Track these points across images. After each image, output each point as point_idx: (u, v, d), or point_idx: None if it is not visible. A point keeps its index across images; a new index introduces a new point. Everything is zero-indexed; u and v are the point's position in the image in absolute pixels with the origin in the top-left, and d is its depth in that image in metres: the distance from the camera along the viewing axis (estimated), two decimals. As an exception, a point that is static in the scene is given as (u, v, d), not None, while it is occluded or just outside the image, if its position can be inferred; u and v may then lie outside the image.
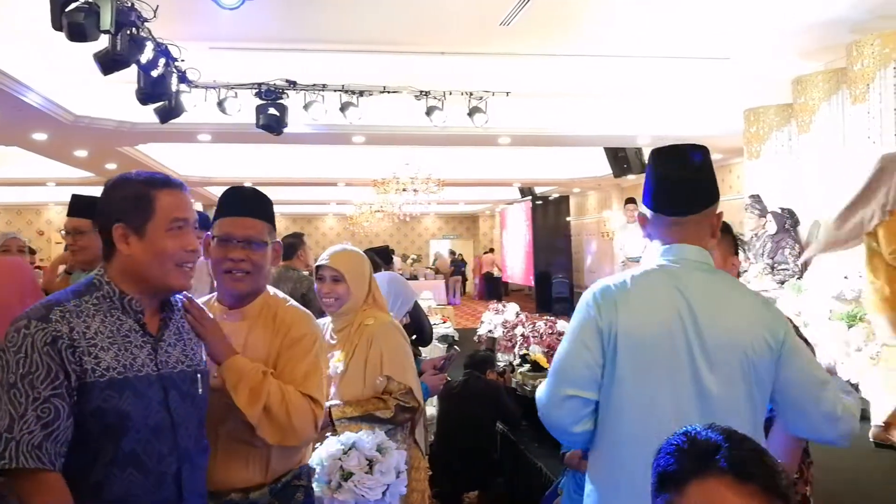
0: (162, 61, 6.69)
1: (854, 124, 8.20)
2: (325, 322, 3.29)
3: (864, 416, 7.12)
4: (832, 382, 2.13)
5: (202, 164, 15.74)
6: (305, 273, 6.16)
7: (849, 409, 2.12)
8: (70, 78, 8.58)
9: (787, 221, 8.88)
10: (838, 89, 8.78)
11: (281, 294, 2.57)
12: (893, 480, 5.57)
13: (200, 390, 2.11)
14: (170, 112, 7.76)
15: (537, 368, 6.07)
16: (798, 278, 8.23)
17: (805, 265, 8.26)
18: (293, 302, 2.58)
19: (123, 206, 2.06)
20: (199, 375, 2.12)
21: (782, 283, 8.28)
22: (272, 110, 8.82)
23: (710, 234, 2.14)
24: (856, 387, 6.96)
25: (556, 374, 2.09)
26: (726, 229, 2.66)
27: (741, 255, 6.07)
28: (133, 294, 2.01)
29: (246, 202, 2.51)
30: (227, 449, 2.32)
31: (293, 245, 6.34)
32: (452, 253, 28.05)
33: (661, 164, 2.13)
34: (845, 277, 7.34)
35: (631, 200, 12.14)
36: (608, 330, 2.02)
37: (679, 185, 2.10)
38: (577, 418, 2.06)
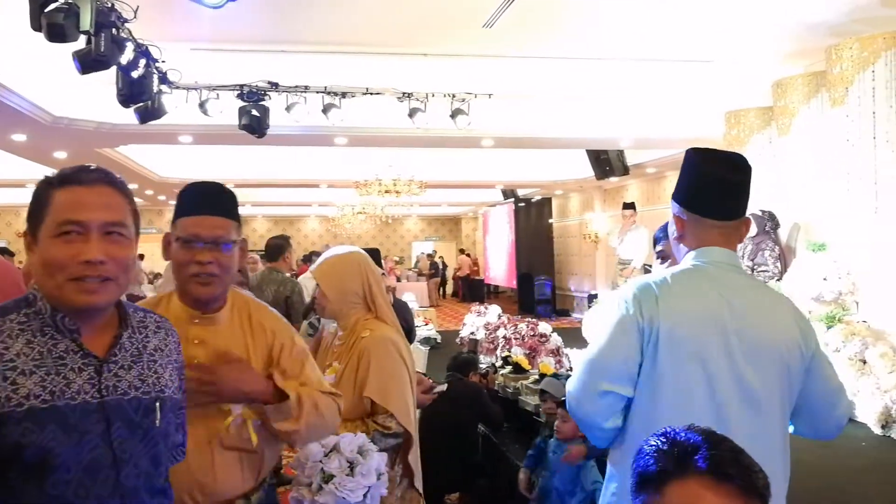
0: (142, 62, 6.64)
1: (833, 127, 8.27)
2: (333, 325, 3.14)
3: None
4: (844, 388, 2.19)
5: (183, 165, 15.65)
6: (289, 275, 6.14)
7: (849, 412, 2.19)
8: (50, 79, 8.51)
9: (767, 224, 8.94)
10: (818, 92, 8.86)
11: (244, 291, 2.51)
12: (884, 476, 5.62)
13: (158, 422, 1.74)
14: (150, 113, 7.72)
15: (519, 370, 6.08)
16: (778, 280, 8.29)
17: (785, 267, 8.32)
18: (256, 298, 2.51)
19: (30, 208, 1.72)
20: (157, 404, 1.74)
21: (763, 284, 8.34)
22: (254, 112, 8.78)
23: (739, 240, 2.17)
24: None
25: (591, 369, 2.07)
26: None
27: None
28: (64, 310, 1.66)
29: (210, 199, 2.28)
30: (226, 460, 2.24)
31: (279, 247, 6.32)
32: (430, 255, 28.06)
33: (707, 166, 2.11)
34: (824, 279, 7.41)
35: (630, 206, 12.17)
36: (649, 327, 2.01)
37: (729, 188, 2.10)
38: (610, 413, 2.06)
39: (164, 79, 7.63)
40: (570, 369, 7.56)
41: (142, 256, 18.56)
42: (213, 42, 8.59)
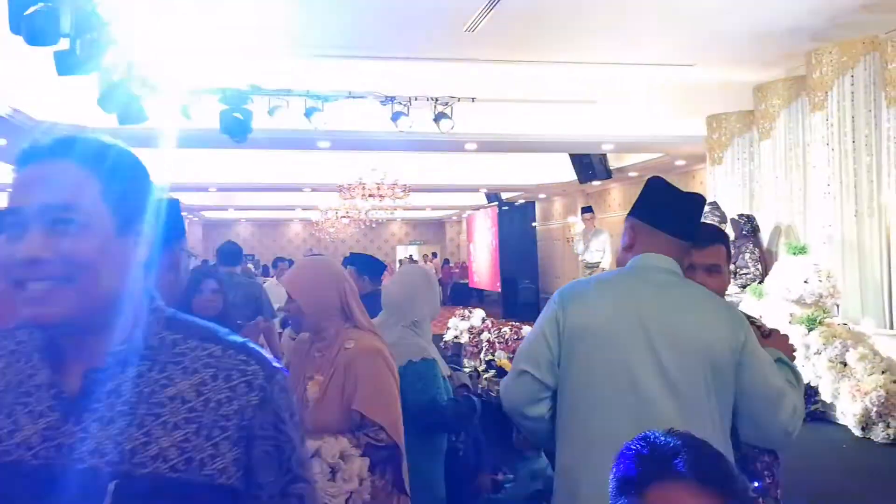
0: (123, 66, 6.60)
1: (813, 131, 8.34)
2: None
3: (825, 418, 7.23)
4: (789, 392, 2.17)
5: (165, 169, 15.56)
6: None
7: (800, 416, 2.17)
8: (30, 83, 8.44)
9: (745, 227, 8.99)
10: (798, 96, 8.93)
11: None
12: (865, 478, 5.65)
13: None
14: (131, 117, 7.65)
15: (502, 374, 6.07)
16: (759, 283, 8.34)
17: (766, 270, 8.37)
18: None
19: None
20: (112, 485, 1.13)
21: (744, 287, 8.39)
22: (236, 115, 8.74)
23: (686, 261, 2.31)
24: (815, 389, 7.08)
25: (516, 356, 2.28)
26: (729, 243, 2.74)
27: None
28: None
29: None
30: None
31: (238, 252, 6.38)
32: (410, 259, 28.03)
33: (673, 193, 2.31)
34: (805, 282, 7.46)
35: (587, 209, 12.24)
36: (563, 318, 2.15)
37: (688, 210, 2.30)
38: (529, 397, 2.18)
39: (144, 82, 7.57)
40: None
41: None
42: (194, 45, 8.56)
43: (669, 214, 2.24)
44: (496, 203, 22.53)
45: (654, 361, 2.04)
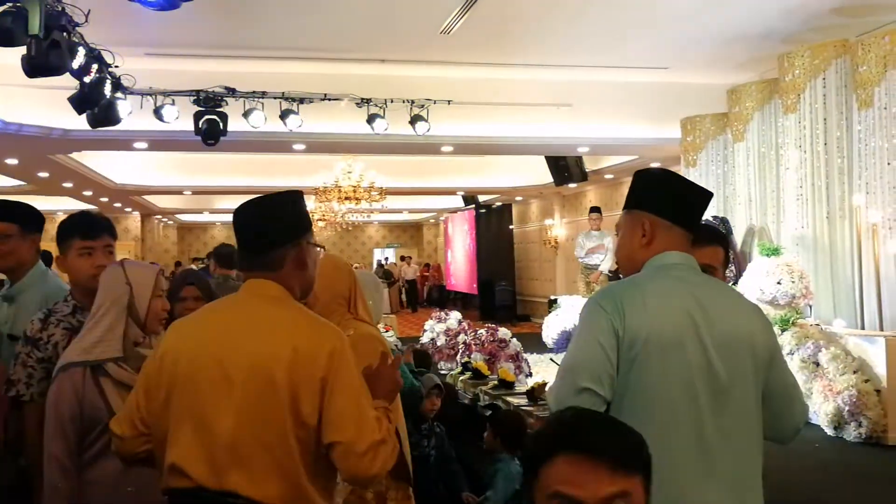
0: (95, 67, 6.54)
1: (786, 133, 8.41)
2: None
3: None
4: (799, 388, 2.25)
5: (139, 172, 15.44)
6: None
7: (807, 412, 2.23)
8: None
9: (721, 229, 9.05)
10: (771, 99, 9.00)
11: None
12: (837, 476, 5.70)
13: None
14: (104, 119, 7.58)
15: (478, 376, 6.08)
16: (733, 284, 8.39)
17: (740, 271, 8.43)
18: None
19: None
20: None
21: (718, 288, 8.44)
22: (211, 118, 8.68)
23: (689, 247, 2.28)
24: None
25: (571, 371, 2.06)
26: (728, 246, 2.80)
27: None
28: None
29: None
30: None
31: (232, 255, 6.27)
32: (382, 264, 27.98)
33: (679, 183, 2.30)
34: (778, 283, 7.52)
35: (595, 209, 12.25)
36: (624, 330, 2.02)
37: (696, 202, 2.28)
38: None
39: (117, 84, 7.51)
40: (529, 374, 7.58)
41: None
42: (168, 47, 8.50)
43: (684, 208, 2.23)
44: (473, 206, 22.54)
45: (711, 370, 2.02)
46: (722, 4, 7.54)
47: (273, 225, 2.24)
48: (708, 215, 9.34)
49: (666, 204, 2.22)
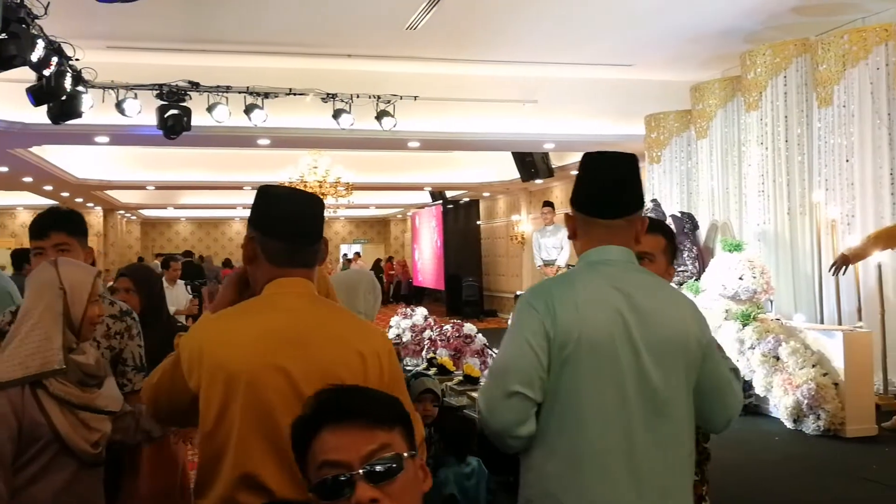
0: (55, 60, 6.43)
1: (748, 130, 8.52)
2: None
3: (758, 412, 7.40)
4: (734, 380, 2.22)
5: (101, 167, 15.22)
6: None
7: (742, 403, 2.23)
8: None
9: (686, 225, 9.15)
10: (733, 97, 9.11)
11: None
12: (796, 468, 5.79)
13: None
14: (64, 113, 7.47)
15: (444, 372, 6.09)
16: (696, 280, 8.49)
17: (703, 266, 8.53)
18: None
19: None
20: None
21: (681, 284, 8.52)
22: (174, 112, 8.59)
23: (636, 239, 2.16)
24: (749, 382, 7.24)
25: (501, 373, 1.99)
26: (674, 237, 2.73)
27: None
28: None
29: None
30: None
31: None
32: (347, 259, 27.89)
33: (593, 169, 2.17)
34: (740, 278, 7.61)
35: (548, 203, 12.30)
36: (554, 330, 1.96)
37: (611, 188, 2.13)
38: (522, 418, 1.97)
39: (78, 77, 7.40)
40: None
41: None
42: (130, 40, 8.40)
43: (595, 196, 2.13)
44: (440, 201, 22.55)
45: (641, 373, 1.98)
46: (685, 3, 7.62)
47: (318, 220, 2.13)
48: (673, 211, 9.47)
49: (578, 193, 2.16)
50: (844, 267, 6.35)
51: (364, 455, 1.36)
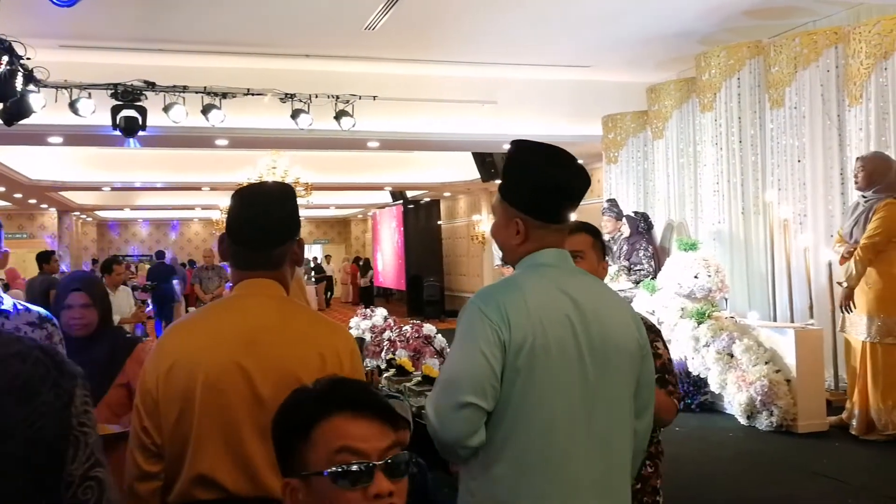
0: (5, 59, 6.31)
1: (703, 131, 8.64)
2: None
3: (713, 408, 7.51)
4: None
5: (56, 168, 14.98)
6: None
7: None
8: None
9: (641, 224, 9.25)
10: (689, 98, 9.23)
11: None
12: (750, 463, 5.89)
13: None
14: (15, 113, 7.32)
15: (402, 373, 6.08)
16: (652, 278, 8.59)
17: (659, 265, 8.63)
18: None
19: None
20: None
21: (637, 282, 8.62)
22: (129, 112, 8.48)
23: (565, 240, 2.17)
24: (704, 380, 7.35)
25: (452, 384, 1.93)
26: (600, 234, 2.77)
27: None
28: None
29: None
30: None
31: None
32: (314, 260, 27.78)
33: (552, 170, 2.08)
34: (696, 277, 7.72)
35: None
36: (509, 341, 1.93)
37: (574, 195, 2.10)
38: (474, 428, 1.93)
39: (29, 77, 7.26)
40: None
41: None
42: (83, 39, 8.28)
43: (558, 204, 2.08)
44: (401, 201, 22.54)
45: (586, 377, 1.98)
46: (642, 5, 7.72)
47: (280, 220, 2.13)
48: (629, 211, 9.58)
49: (536, 206, 2.08)
50: (850, 302, 6.34)
51: (382, 449, 1.41)
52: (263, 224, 2.09)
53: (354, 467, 1.38)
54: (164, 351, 2.04)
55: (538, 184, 2.08)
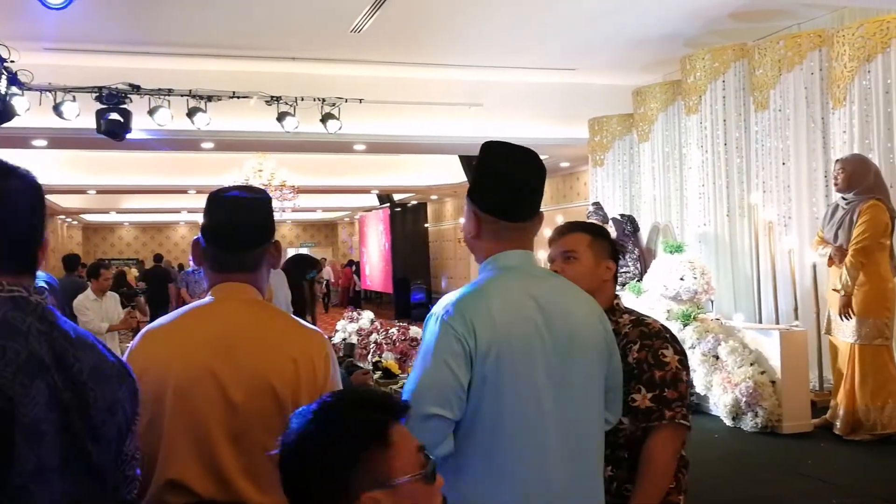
0: (-12, 61, 6.29)
1: (688, 134, 8.68)
2: None
3: (698, 410, 7.53)
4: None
5: (40, 170, 14.82)
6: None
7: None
8: None
9: (627, 227, 9.28)
10: (674, 100, 9.26)
11: None
12: (735, 464, 5.91)
13: None
14: (1, 117, 7.29)
15: (389, 375, 6.08)
16: (638, 281, 8.62)
17: (645, 268, 8.66)
18: None
19: None
20: None
21: (623, 285, 8.64)
22: (114, 115, 8.44)
23: (534, 236, 2.12)
24: (690, 382, 7.37)
25: (417, 395, 1.89)
26: (602, 233, 2.68)
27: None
28: None
29: None
30: None
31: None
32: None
33: (506, 167, 2.06)
34: (681, 279, 7.75)
35: None
36: (475, 351, 1.90)
37: (529, 192, 2.07)
38: (441, 439, 1.90)
39: (14, 79, 7.23)
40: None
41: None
42: (68, 42, 8.24)
43: (511, 201, 2.04)
44: (388, 204, 22.53)
45: (556, 377, 1.96)
46: (627, 8, 7.74)
47: (256, 223, 2.13)
48: (615, 213, 9.61)
49: (488, 195, 2.06)
50: (850, 309, 6.33)
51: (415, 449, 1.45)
52: (238, 226, 2.08)
53: (430, 462, 1.42)
54: (135, 357, 2.02)
55: (494, 181, 2.07)
